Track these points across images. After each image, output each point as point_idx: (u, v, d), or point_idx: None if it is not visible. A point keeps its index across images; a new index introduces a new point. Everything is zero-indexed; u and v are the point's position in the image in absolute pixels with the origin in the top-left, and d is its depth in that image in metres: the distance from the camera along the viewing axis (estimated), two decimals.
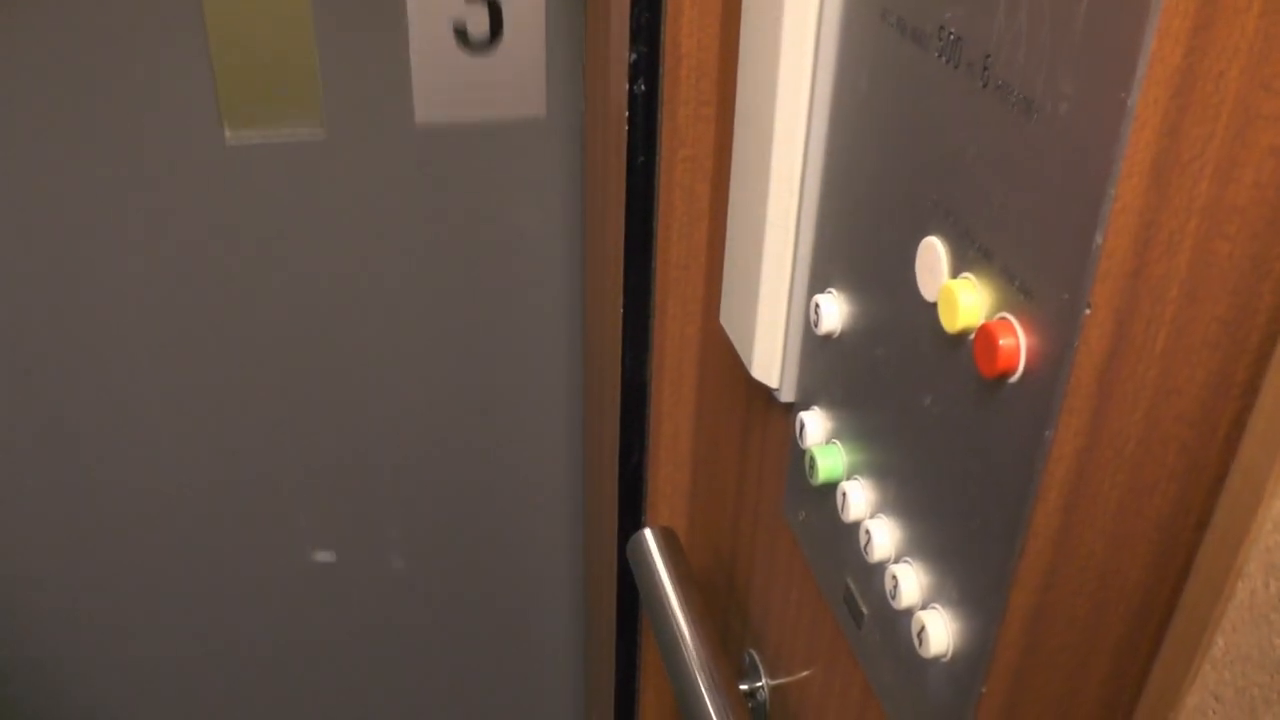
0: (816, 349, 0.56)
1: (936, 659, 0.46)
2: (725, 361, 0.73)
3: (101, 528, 1.06)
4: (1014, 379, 0.38)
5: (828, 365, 0.55)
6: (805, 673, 0.66)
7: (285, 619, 1.17)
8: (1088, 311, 0.34)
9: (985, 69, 0.38)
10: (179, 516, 1.07)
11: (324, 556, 1.13)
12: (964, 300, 0.40)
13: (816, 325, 0.54)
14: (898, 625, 0.49)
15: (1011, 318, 0.38)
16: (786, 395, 0.61)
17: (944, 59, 0.41)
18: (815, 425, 0.56)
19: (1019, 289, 0.37)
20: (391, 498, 1.12)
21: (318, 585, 1.15)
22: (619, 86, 0.73)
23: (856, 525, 0.52)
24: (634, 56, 0.70)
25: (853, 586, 0.54)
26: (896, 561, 0.49)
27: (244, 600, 1.14)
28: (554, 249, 1.01)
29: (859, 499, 0.52)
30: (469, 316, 1.03)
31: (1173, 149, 0.31)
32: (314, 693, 1.22)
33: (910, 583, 0.47)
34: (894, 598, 0.48)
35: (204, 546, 1.10)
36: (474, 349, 1.05)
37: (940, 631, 0.45)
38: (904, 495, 0.48)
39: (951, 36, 0.40)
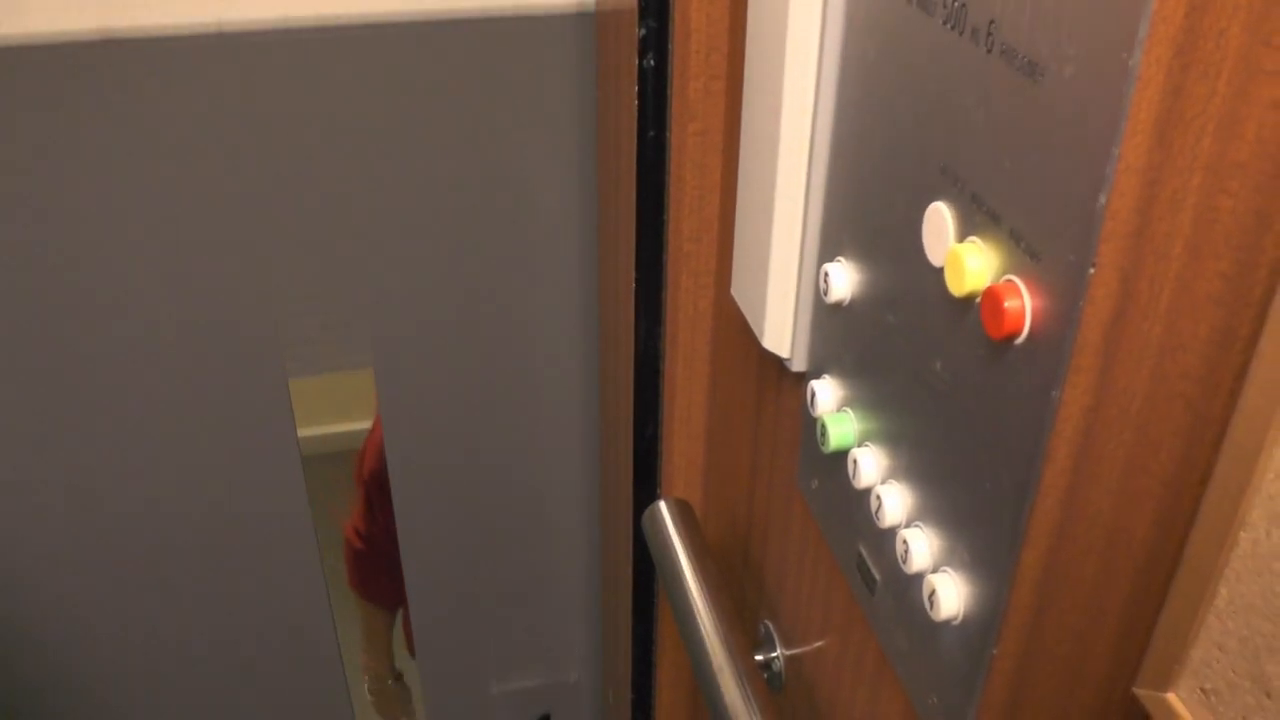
0: (827, 318, 0.57)
1: (948, 622, 0.46)
2: (738, 333, 0.73)
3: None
4: (1021, 340, 0.38)
5: (838, 334, 0.55)
6: (820, 641, 0.66)
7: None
8: (1092, 271, 0.34)
9: (990, 34, 0.38)
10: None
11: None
12: (970, 263, 0.40)
13: (826, 294, 0.54)
14: (909, 590, 0.50)
15: (1017, 280, 0.38)
16: (798, 365, 0.61)
17: (950, 25, 0.41)
18: (826, 393, 0.57)
19: (1025, 251, 0.37)
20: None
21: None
22: (629, 61, 0.73)
23: (868, 492, 0.52)
24: (643, 31, 0.70)
25: (865, 553, 0.55)
26: (907, 526, 0.49)
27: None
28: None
29: (870, 465, 0.52)
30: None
31: (1176, 108, 0.31)
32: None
33: (921, 547, 0.48)
34: (905, 562, 0.48)
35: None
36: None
37: (951, 594, 0.46)
38: (914, 460, 0.48)
39: (956, 3, 0.40)
